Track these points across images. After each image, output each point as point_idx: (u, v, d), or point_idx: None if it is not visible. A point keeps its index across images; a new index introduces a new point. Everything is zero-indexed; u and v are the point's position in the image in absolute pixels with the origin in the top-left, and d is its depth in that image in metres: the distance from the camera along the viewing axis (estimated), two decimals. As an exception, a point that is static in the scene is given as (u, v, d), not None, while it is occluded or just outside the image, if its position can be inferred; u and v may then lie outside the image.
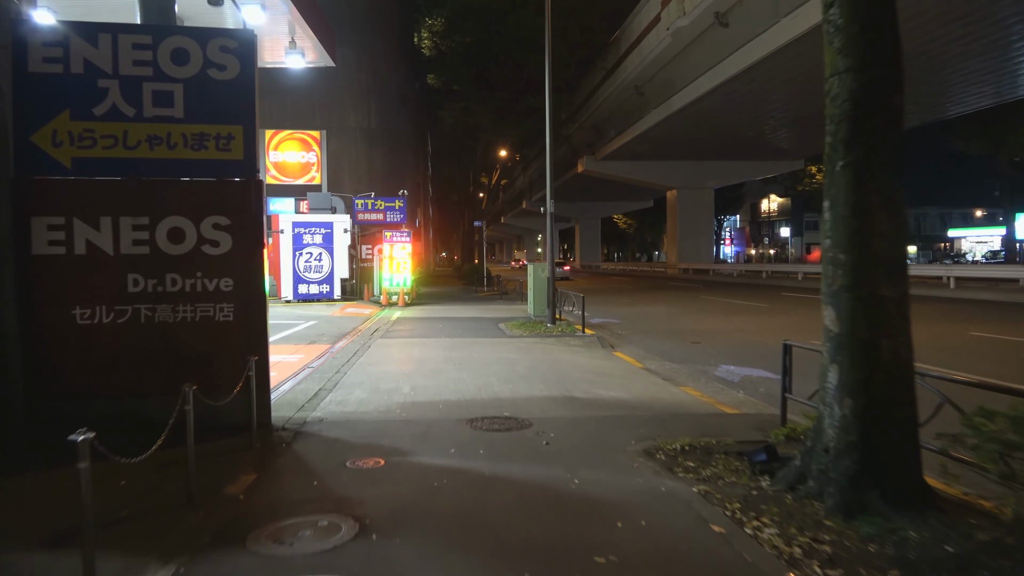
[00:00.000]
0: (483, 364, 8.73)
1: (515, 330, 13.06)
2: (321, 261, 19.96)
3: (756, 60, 22.66)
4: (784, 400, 5.49)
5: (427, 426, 5.50)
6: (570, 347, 10.88)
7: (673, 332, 13.59)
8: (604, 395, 6.97)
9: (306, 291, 19.91)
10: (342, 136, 27.40)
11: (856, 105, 3.62)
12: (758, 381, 8.42)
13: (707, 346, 11.57)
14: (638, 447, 4.92)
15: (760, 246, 73.61)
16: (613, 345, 11.56)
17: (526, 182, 73.59)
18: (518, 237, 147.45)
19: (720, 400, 7.07)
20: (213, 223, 5.15)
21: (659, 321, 15.85)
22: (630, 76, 33.24)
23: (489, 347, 10.50)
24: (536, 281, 15.02)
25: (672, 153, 41.59)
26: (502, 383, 7.40)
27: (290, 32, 14.31)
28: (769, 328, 13.99)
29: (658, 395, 7.13)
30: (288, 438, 5.10)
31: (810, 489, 3.75)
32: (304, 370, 8.27)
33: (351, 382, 7.44)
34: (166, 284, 5.12)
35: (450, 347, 10.45)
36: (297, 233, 19.82)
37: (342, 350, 10.18)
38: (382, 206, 23.01)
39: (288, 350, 10.17)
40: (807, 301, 20.85)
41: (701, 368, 9.40)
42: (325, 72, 27.66)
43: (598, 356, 10.05)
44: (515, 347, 10.61)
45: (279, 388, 7.08)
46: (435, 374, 7.93)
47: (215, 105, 5.09)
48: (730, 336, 12.80)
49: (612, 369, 8.85)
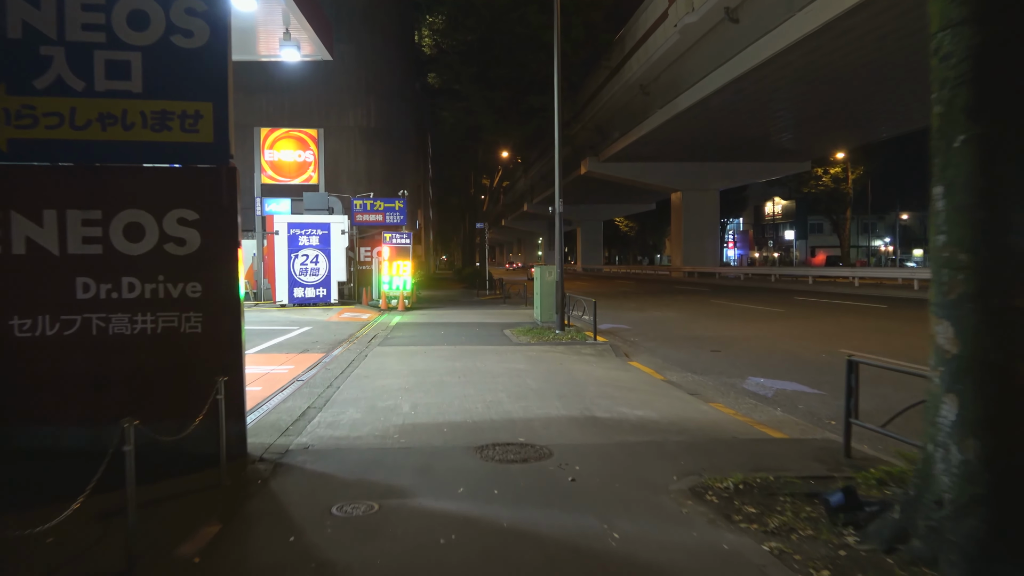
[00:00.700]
0: (490, 377, 7.93)
1: (522, 337, 12.27)
2: (318, 264, 19.17)
3: (768, 56, 21.90)
4: (848, 426, 4.69)
5: (430, 456, 4.70)
6: (582, 356, 10.08)
7: (689, 339, 12.79)
8: (629, 414, 6.18)
9: (302, 295, 19.12)
10: (340, 135, 26.65)
11: (979, 64, 2.84)
12: (794, 396, 7.63)
13: (728, 355, 10.77)
14: (682, 485, 4.12)
15: (764, 249, 72.84)
16: (628, 354, 10.77)
17: (527, 184, 72.88)
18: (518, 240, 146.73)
19: (759, 420, 6.28)
20: (178, 218, 4.36)
21: (672, 327, 15.06)
22: (635, 75, 32.48)
23: (495, 357, 9.70)
24: (543, 285, 14.24)
25: (677, 154, 40.86)
26: (513, 400, 6.60)
27: (284, 22, 13.52)
28: (790, 335, 13.19)
29: (688, 414, 6.33)
30: (265, 472, 4.30)
31: (917, 551, 2.95)
32: (293, 384, 7.47)
33: (344, 399, 6.64)
34: (122, 289, 4.33)
35: (453, 356, 9.65)
36: (293, 234, 19.04)
37: (336, 360, 9.38)
38: (381, 207, 22.23)
39: (278, 360, 9.37)
40: (823, 306, 20.06)
41: (727, 380, 8.61)
42: (323, 70, 26.91)
43: (614, 367, 9.25)
44: (523, 356, 9.81)
45: (262, 406, 6.28)
46: (438, 389, 7.13)
47: (180, 78, 4.30)
48: (751, 344, 12.00)
49: (631, 382, 8.06)
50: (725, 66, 24.72)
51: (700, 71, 27.28)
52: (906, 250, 65.97)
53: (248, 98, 26.16)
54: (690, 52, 27.35)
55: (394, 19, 30.81)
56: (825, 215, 56.84)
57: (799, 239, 67.88)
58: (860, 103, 28.14)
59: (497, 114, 32.01)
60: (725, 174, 43.90)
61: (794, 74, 23.90)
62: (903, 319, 15.97)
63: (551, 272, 14.23)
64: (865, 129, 34.63)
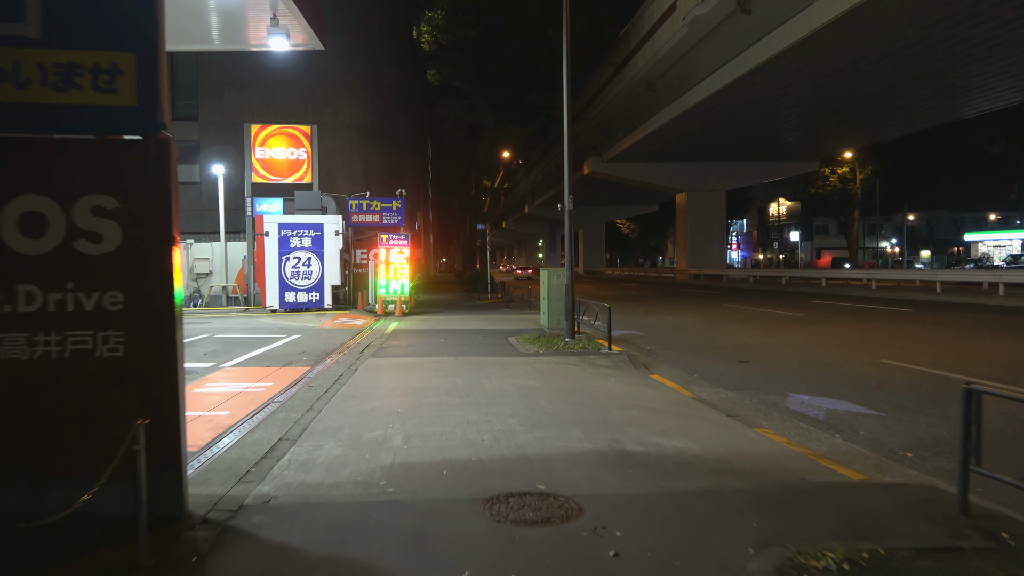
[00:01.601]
0: (497, 397, 6.86)
1: (529, 346, 11.22)
2: (310, 267, 18.11)
3: (783, 48, 20.88)
4: (966, 475, 3.61)
5: (426, 514, 3.63)
6: (598, 369, 9.02)
7: (711, 348, 11.73)
8: (666, 446, 5.11)
9: (293, 300, 18.06)
10: (336, 133, 25.61)
11: None
12: (850, 419, 6.57)
13: (758, 366, 9.72)
14: (764, 564, 3.05)
15: (768, 251, 71.78)
16: (647, 365, 9.71)
17: (528, 186, 71.86)
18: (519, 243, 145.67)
19: (819, 451, 5.23)
20: (92, 206, 3.30)
21: (689, 334, 14.00)
22: (641, 71, 31.44)
23: (501, 370, 8.64)
24: (551, 289, 13.18)
25: (683, 154, 39.86)
26: (526, 428, 5.54)
27: (272, 7, 12.51)
28: (819, 342, 12.13)
29: (736, 444, 5.27)
30: (205, 544, 3.23)
31: None
32: (267, 406, 6.41)
33: (324, 427, 5.57)
34: (17, 301, 3.27)
35: (454, 370, 8.58)
36: (283, 236, 17.98)
37: (322, 375, 8.31)
38: (378, 207, 21.21)
39: (256, 375, 8.30)
40: (844, 310, 19.00)
41: (766, 398, 7.56)
42: (317, 64, 25.87)
43: (635, 381, 8.19)
44: (533, 369, 8.75)
45: (223, 438, 5.21)
46: (437, 414, 6.07)
47: (91, 19, 3.25)
48: (779, 353, 10.94)
49: (659, 401, 6.99)
50: (737, 60, 23.71)
51: (710, 66, 26.26)
52: (912, 251, 64.91)
53: (238, 94, 25.16)
54: (699, 46, 26.32)
55: (391, 13, 29.80)
56: (833, 216, 55.80)
57: (804, 241, 66.84)
58: (875, 99, 27.12)
59: (498, 112, 31.02)
60: (732, 174, 42.89)
61: (809, 68, 22.89)
62: (937, 325, 14.91)
63: (560, 275, 13.17)
64: (876, 127, 33.65)
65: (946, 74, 23.19)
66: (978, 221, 66.22)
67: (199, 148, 24.99)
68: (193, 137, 25.17)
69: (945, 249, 66.22)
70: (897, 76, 23.75)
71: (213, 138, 24.80)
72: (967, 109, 30.98)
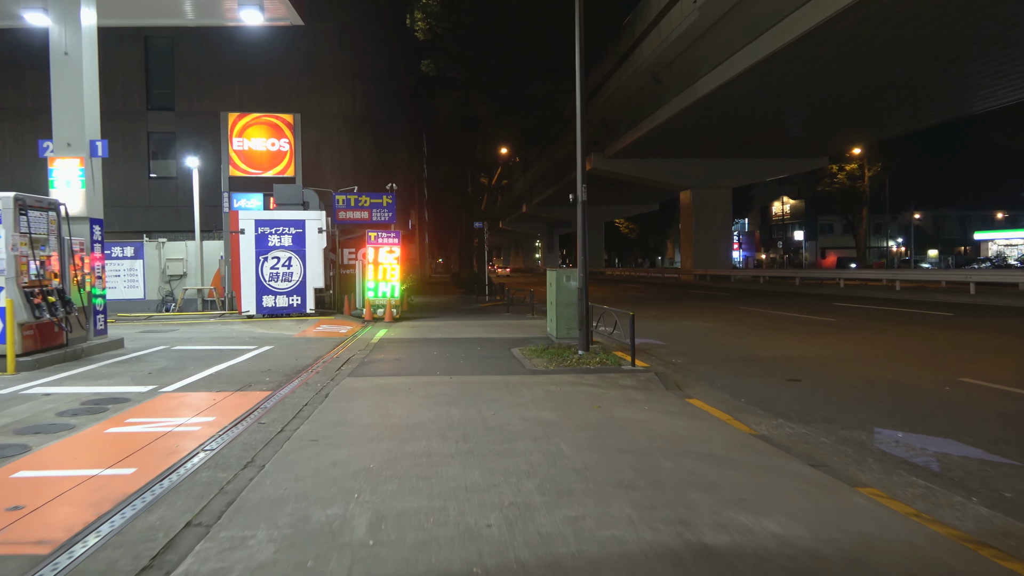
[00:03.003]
0: (505, 439, 5.20)
1: (536, 360, 9.57)
2: (291, 267, 16.41)
3: (808, 30, 19.26)
4: None
5: None
6: (624, 391, 7.38)
7: (746, 361, 10.10)
8: (758, 531, 3.45)
9: (272, 304, 16.36)
10: (323, 124, 23.94)
11: None
12: (973, 469, 4.94)
13: (814, 386, 8.09)
14: None
15: (772, 250, 70.23)
16: (680, 385, 8.08)
17: (527, 185, 70.20)
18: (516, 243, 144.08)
19: (968, 530, 3.65)
20: None
21: (714, 342, 12.37)
22: (647, 61, 29.77)
23: (507, 395, 6.97)
24: (560, 293, 11.52)
25: (688, 150, 38.33)
26: (551, 500, 3.86)
27: (240, -27, 10.86)
28: (870, 354, 10.51)
29: (853, 523, 3.63)
30: None
31: None
32: (192, 458, 4.73)
33: (260, 499, 3.88)
34: None
35: (448, 397, 6.91)
36: (261, 233, 16.29)
37: (282, 403, 6.63)
38: (367, 203, 19.52)
39: (198, 405, 6.61)
40: (875, 314, 17.38)
41: (844, 433, 5.95)
42: (303, 51, 24.15)
43: (674, 410, 6.54)
44: (545, 394, 7.09)
45: (99, 525, 3.51)
46: (423, 472, 4.38)
47: None
48: (831, 368, 9.31)
49: (714, 442, 5.34)
50: (752, 45, 22.11)
51: (721, 54, 24.67)
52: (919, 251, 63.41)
53: (218, 82, 23.45)
54: (711, 32, 24.68)
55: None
56: (839, 215, 54.25)
57: (808, 240, 65.29)
58: (897, 88, 25.53)
59: (496, 104, 29.34)
60: (739, 171, 41.35)
61: (831, 53, 21.30)
62: (993, 331, 13.31)
63: (571, 276, 11.52)
64: (898, 118, 32.01)
65: (979, 57, 21.61)
66: (985, 220, 64.77)
67: (175, 140, 23.27)
68: (168, 128, 23.47)
69: (952, 249, 64.75)
70: (923, 62, 22.18)
71: (190, 129, 23.10)
72: (988, 101, 29.58)
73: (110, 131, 24.51)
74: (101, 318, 10.96)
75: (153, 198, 23.47)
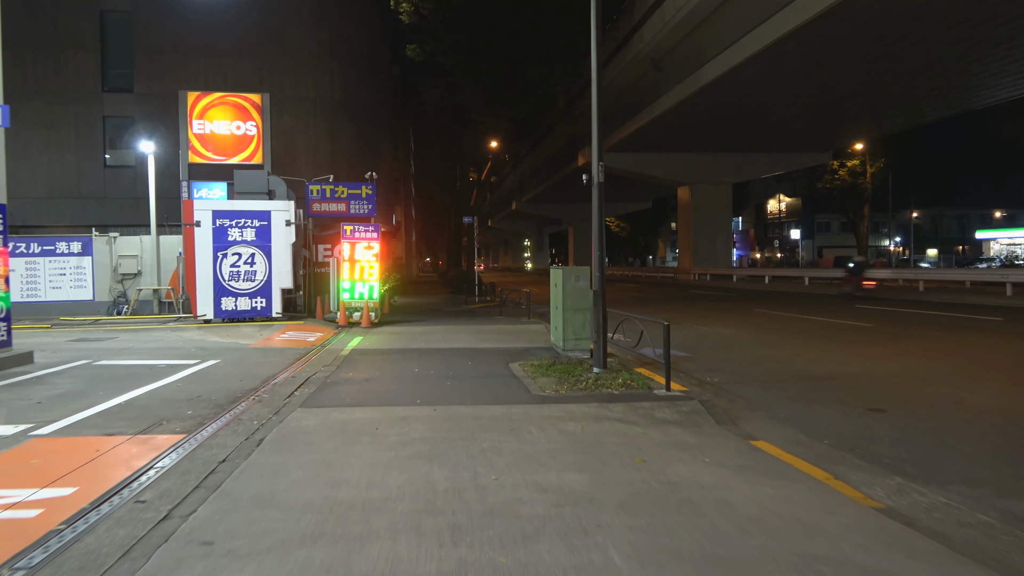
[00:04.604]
0: (516, 540, 3.25)
1: (542, 380, 7.65)
2: (254, 265, 14.37)
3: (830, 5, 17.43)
4: None
5: None
6: (665, 429, 5.48)
7: (797, 379, 8.22)
8: None
9: (232, 307, 14.31)
10: (298, 109, 21.87)
11: None
12: None
13: (908, 419, 6.23)
14: None
15: (767, 249, 68.69)
16: (731, 416, 6.18)
17: (516, 182, 68.26)
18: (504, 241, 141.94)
19: None
20: None
21: (747, 353, 10.49)
22: (647, 47, 27.90)
23: (512, 442, 5.03)
24: (568, 295, 9.57)
25: (687, 144, 36.56)
26: None
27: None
28: (950, 370, 8.65)
29: None
30: None
31: None
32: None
33: None
34: None
35: (430, 445, 4.96)
36: (220, 226, 14.24)
37: (190, 458, 4.64)
38: (344, 193, 17.49)
39: (70, 460, 4.59)
40: (912, 318, 15.55)
41: (1006, 506, 4.06)
42: (275, 29, 22.05)
43: (745, 463, 4.63)
44: (565, 438, 5.16)
45: None
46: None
47: None
48: (910, 391, 7.45)
49: (831, 528, 3.44)
50: (769, 22, 20.26)
51: (730, 36, 22.83)
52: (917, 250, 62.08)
53: (181, 62, 21.28)
54: (719, 12, 22.81)
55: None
56: (839, 213, 52.69)
57: (805, 239, 63.78)
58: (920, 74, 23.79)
59: (487, 90, 27.35)
60: (739, 166, 39.63)
61: (854, 31, 19.51)
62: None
63: (580, 275, 9.59)
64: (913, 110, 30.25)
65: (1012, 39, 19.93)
66: (983, 219, 63.62)
67: (134, 125, 21.08)
68: (126, 112, 21.28)
69: (951, 248, 63.53)
70: (950, 45, 20.47)
71: (151, 113, 20.91)
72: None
73: (61, 115, 22.41)
74: (3, 327, 8.89)
75: (109, 189, 21.28)
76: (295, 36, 21.74)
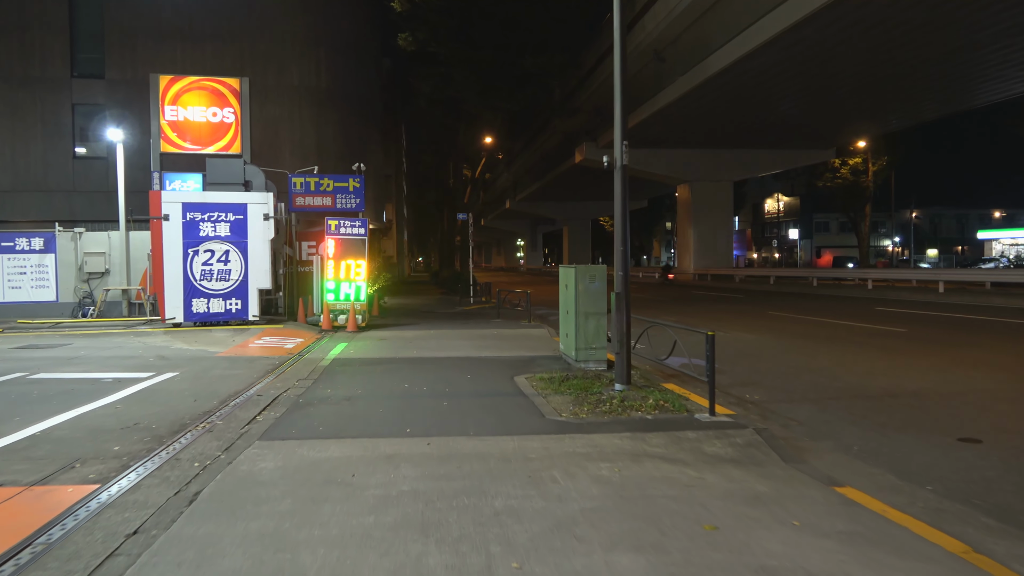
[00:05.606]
0: None
1: (556, 400, 6.42)
2: (228, 263, 13.04)
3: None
4: None
5: None
6: (723, 471, 4.28)
7: (854, 397, 7.02)
8: None
9: (204, 309, 12.97)
10: (281, 97, 20.53)
11: None
12: None
13: (1008, 452, 5.03)
14: None
15: (765, 249, 67.74)
16: (796, 449, 4.95)
17: (510, 180, 67.00)
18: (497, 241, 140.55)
19: None
20: None
21: (782, 363, 9.29)
22: (650, 37, 26.70)
23: (533, 496, 3.78)
24: (583, 298, 8.31)
25: (688, 140, 35.42)
26: None
27: None
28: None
29: None
30: None
31: None
32: None
33: None
34: None
35: (424, 503, 3.70)
36: (191, 220, 12.90)
37: (87, 530, 3.35)
38: (330, 186, 16.16)
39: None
40: (939, 321, 14.39)
41: None
42: (257, 11, 20.72)
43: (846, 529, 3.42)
44: (601, 488, 3.92)
45: None
46: None
47: None
48: (993, 411, 6.26)
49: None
50: (784, 6, 19.09)
51: (738, 23, 21.68)
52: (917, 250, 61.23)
53: (157, 46, 19.89)
54: (723, 2, 21.66)
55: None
56: (839, 212, 51.76)
57: (803, 239, 62.84)
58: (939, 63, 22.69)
59: (482, 80, 26.07)
60: (741, 163, 38.53)
61: (875, 15, 18.37)
62: None
63: (595, 275, 8.34)
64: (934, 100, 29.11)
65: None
66: (983, 219, 62.87)
67: (105, 113, 19.68)
68: (97, 99, 19.88)
69: (951, 248, 62.75)
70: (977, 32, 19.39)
71: (123, 100, 19.53)
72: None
73: (25, 101, 20.94)
74: (-81, 334, 7.55)
75: (78, 182, 19.87)
76: (279, 19, 20.41)
